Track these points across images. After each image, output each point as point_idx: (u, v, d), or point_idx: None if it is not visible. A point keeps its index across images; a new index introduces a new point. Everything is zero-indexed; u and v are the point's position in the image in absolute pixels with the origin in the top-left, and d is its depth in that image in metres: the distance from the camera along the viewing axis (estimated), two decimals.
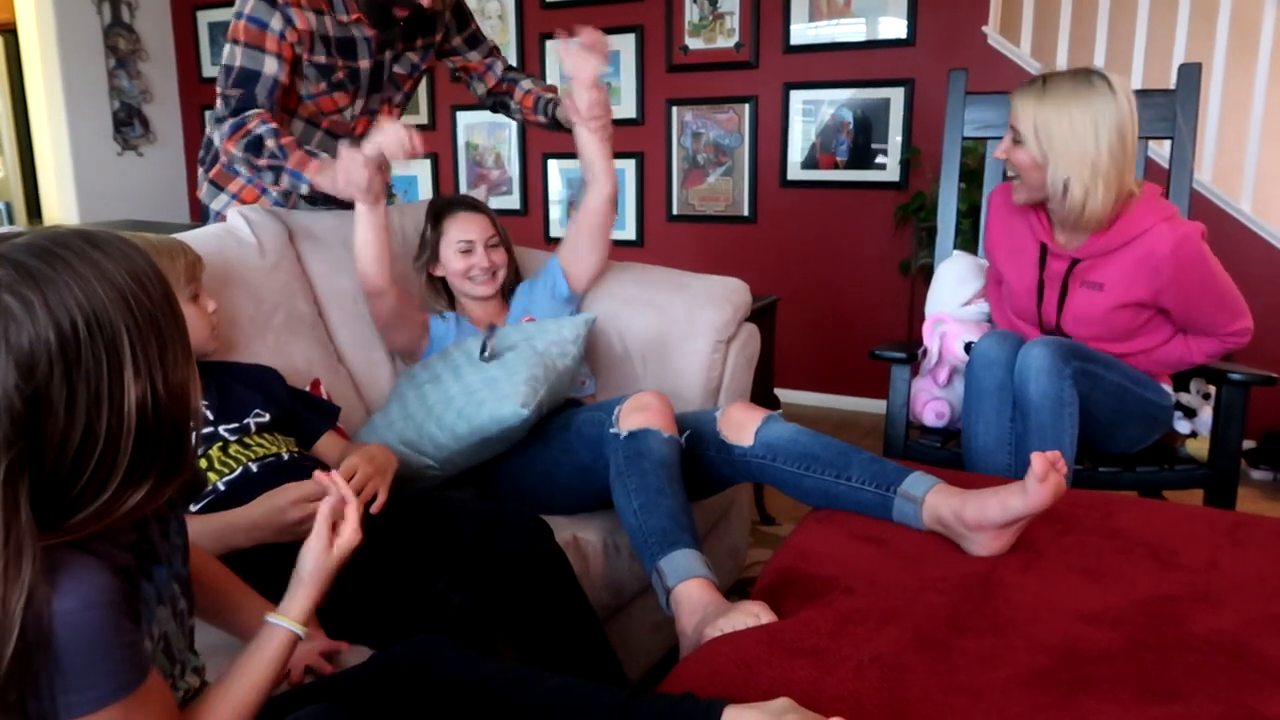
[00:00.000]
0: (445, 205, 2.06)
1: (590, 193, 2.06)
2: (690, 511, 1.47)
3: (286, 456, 1.50)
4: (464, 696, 0.97)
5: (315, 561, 0.96)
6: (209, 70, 5.26)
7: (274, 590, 1.27)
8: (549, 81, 3.20)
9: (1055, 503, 1.30)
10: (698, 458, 1.65)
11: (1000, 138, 2.23)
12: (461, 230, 2.01)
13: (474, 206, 2.06)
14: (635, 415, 1.56)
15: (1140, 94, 2.11)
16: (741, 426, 1.62)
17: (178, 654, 0.92)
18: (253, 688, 0.92)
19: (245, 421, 1.50)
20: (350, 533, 0.98)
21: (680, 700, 0.94)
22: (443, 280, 2.07)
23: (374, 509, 1.40)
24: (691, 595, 1.32)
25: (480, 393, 1.66)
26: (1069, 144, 1.75)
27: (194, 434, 0.84)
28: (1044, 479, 1.28)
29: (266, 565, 1.29)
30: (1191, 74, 2.09)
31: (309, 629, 1.14)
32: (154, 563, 0.89)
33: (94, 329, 0.73)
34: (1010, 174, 1.92)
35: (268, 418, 1.53)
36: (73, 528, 0.76)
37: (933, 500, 1.40)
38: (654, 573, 1.39)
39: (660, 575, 1.38)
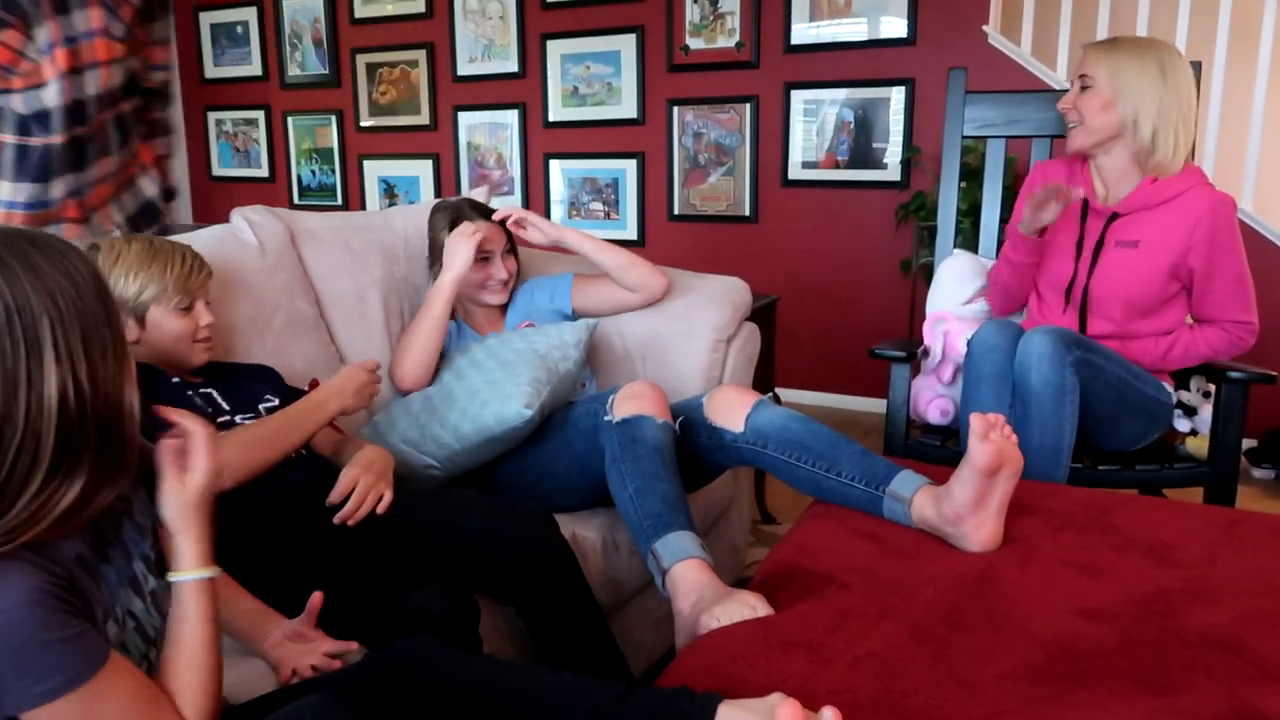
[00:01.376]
0: (460, 213, 2.04)
1: (636, 296, 2.06)
2: (684, 495, 1.49)
3: (293, 453, 1.51)
4: (459, 698, 0.98)
5: (174, 503, 0.94)
6: (211, 71, 5.27)
7: (271, 594, 1.28)
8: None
9: (1001, 461, 1.30)
10: (689, 444, 1.66)
11: (1001, 136, 2.26)
12: (481, 241, 2.00)
13: (488, 215, 2.05)
14: (629, 403, 1.58)
15: None
16: (731, 409, 1.62)
17: (152, 632, 0.93)
18: (197, 647, 0.92)
19: (259, 409, 1.53)
20: (201, 466, 0.95)
21: (674, 696, 0.94)
22: None
23: (380, 509, 1.42)
24: (688, 576, 1.34)
25: (483, 393, 1.67)
26: (1141, 83, 1.87)
27: (133, 434, 0.85)
28: (984, 437, 1.30)
29: (265, 569, 1.31)
30: (1194, 71, 2.09)
31: (307, 626, 1.15)
32: (111, 546, 0.90)
33: (13, 315, 0.76)
34: (1070, 124, 1.95)
35: (277, 403, 1.56)
36: (5, 536, 0.76)
37: (919, 501, 1.41)
38: (649, 555, 1.42)
39: (656, 557, 1.40)
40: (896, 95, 3.81)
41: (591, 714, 0.94)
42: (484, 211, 2.06)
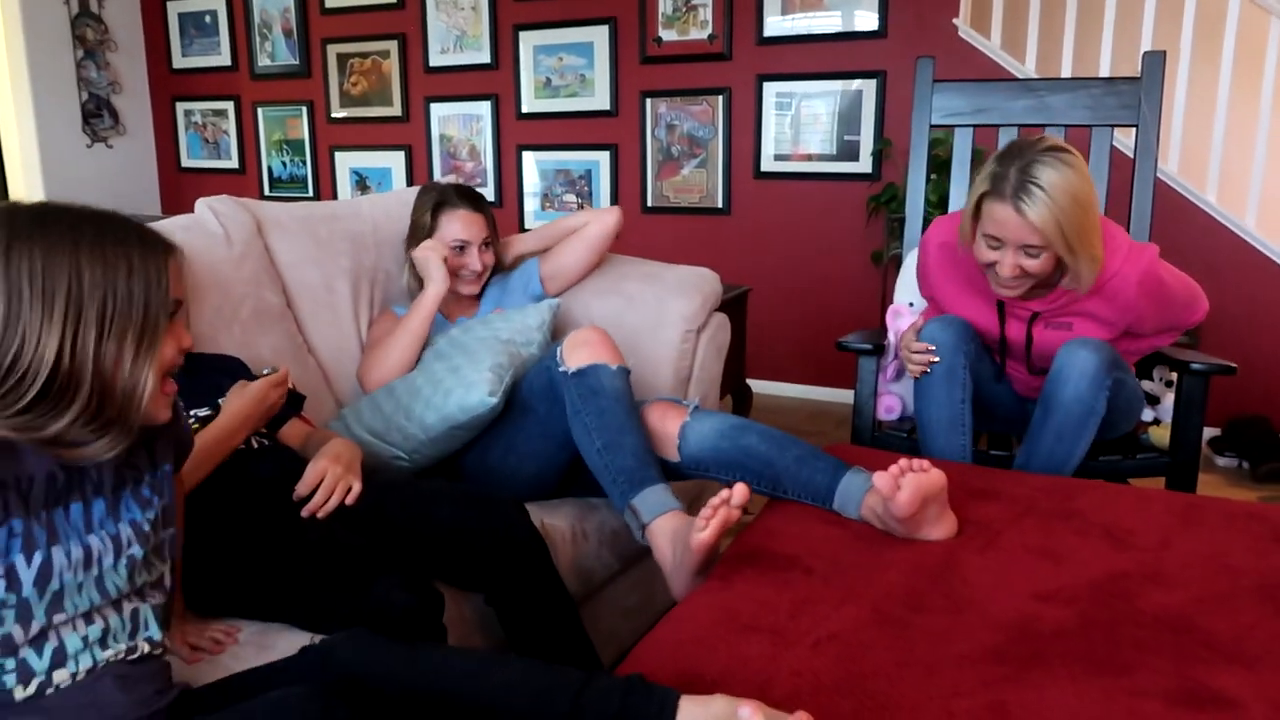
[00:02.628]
0: (445, 197, 2.02)
1: (589, 227, 2.08)
2: (649, 445, 1.55)
3: (255, 444, 1.50)
4: (408, 695, 0.98)
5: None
6: (179, 61, 5.21)
7: (233, 587, 1.28)
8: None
9: (922, 501, 1.30)
10: None
11: (968, 125, 2.28)
12: (459, 230, 1.99)
13: (475, 203, 2.04)
14: (580, 351, 1.59)
15: (1106, 81, 2.14)
16: (662, 440, 1.62)
17: (114, 591, 0.97)
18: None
19: (218, 403, 1.51)
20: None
21: (631, 693, 0.94)
22: None
23: (349, 500, 1.41)
24: (666, 528, 1.44)
25: (446, 382, 1.66)
26: (1085, 226, 1.66)
27: (134, 410, 0.92)
28: (892, 494, 1.30)
29: (228, 562, 1.30)
30: (1156, 62, 2.12)
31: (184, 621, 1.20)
32: (96, 493, 0.96)
33: (38, 272, 0.87)
34: (1007, 288, 1.75)
35: None
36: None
37: (867, 513, 1.42)
38: (626, 510, 1.48)
39: (635, 513, 1.47)
40: (868, 88, 3.83)
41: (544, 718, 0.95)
42: (469, 196, 2.04)
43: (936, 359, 1.80)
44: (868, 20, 3.78)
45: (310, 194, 5.01)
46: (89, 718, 0.93)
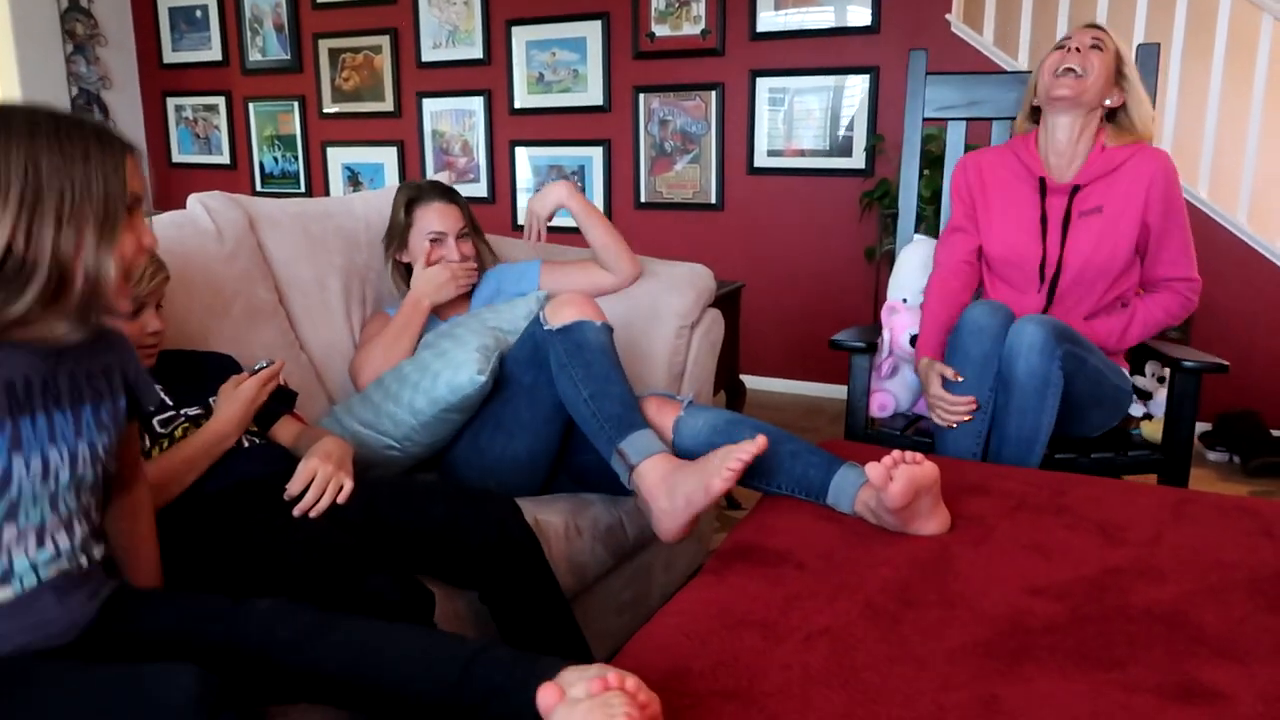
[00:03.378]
0: (418, 193, 2.04)
1: (609, 281, 2.09)
2: (635, 395, 1.58)
3: (246, 443, 1.49)
4: (310, 666, 1.01)
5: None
6: (170, 55, 5.19)
7: (224, 586, 1.28)
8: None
9: (915, 493, 1.31)
10: None
11: (961, 118, 2.28)
12: (433, 221, 1.99)
13: (447, 195, 2.04)
14: (564, 310, 1.62)
15: None
16: (656, 433, 1.61)
17: (64, 511, 1.02)
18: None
19: (209, 402, 1.50)
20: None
21: (516, 663, 0.98)
22: (408, 266, 2.06)
23: (341, 499, 1.41)
24: (655, 468, 1.46)
25: (434, 365, 1.67)
26: (1135, 72, 1.95)
27: (95, 296, 0.95)
28: (884, 485, 1.31)
29: (218, 562, 1.30)
30: (1150, 54, 2.12)
31: None
32: (59, 408, 1.01)
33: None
34: (1069, 72, 1.92)
35: None
36: None
37: (860, 508, 1.43)
38: (615, 455, 1.50)
39: (623, 456, 1.49)
40: (861, 83, 3.83)
41: (433, 689, 0.98)
42: (444, 192, 2.05)
43: (973, 410, 1.82)
44: (860, 15, 3.78)
45: (302, 190, 5.00)
46: (25, 630, 0.97)
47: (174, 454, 1.40)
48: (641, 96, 4.19)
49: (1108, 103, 1.95)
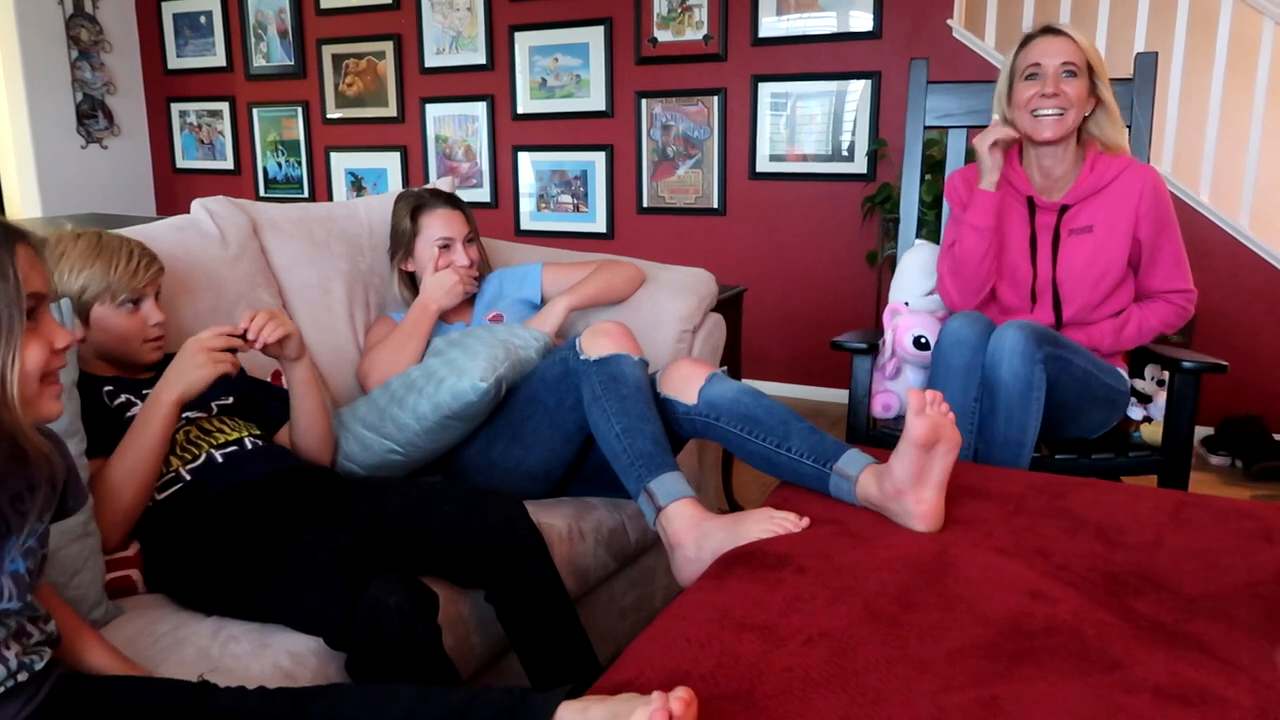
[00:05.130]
0: (422, 201, 2.05)
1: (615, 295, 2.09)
2: (666, 435, 1.55)
3: (250, 444, 1.50)
4: None
5: None
6: (174, 62, 5.21)
7: (227, 589, 1.28)
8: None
9: (937, 436, 1.34)
10: None
11: (962, 126, 2.29)
12: (440, 228, 2.00)
13: (451, 202, 2.06)
14: (601, 340, 1.61)
15: None
16: (686, 381, 1.64)
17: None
18: None
19: (209, 404, 1.51)
20: None
21: (512, 711, 0.93)
22: (412, 274, 2.07)
23: (271, 336, 1.44)
24: (683, 513, 1.45)
25: (439, 372, 1.68)
26: (1103, 66, 1.92)
27: (9, 407, 0.86)
28: (920, 412, 1.34)
29: (221, 564, 1.31)
30: (1148, 63, 2.13)
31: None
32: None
33: None
34: (1050, 112, 1.90)
35: (230, 401, 1.54)
36: None
37: (865, 479, 1.44)
38: (642, 493, 1.49)
39: (651, 496, 1.48)
40: (863, 88, 3.84)
41: None
42: (448, 199, 2.06)
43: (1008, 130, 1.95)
44: (862, 21, 3.79)
45: (305, 195, 5.02)
46: None
47: (124, 454, 1.34)
48: (644, 101, 4.21)
49: (1086, 114, 1.95)
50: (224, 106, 5.15)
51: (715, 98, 4.08)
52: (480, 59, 4.47)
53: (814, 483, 1.51)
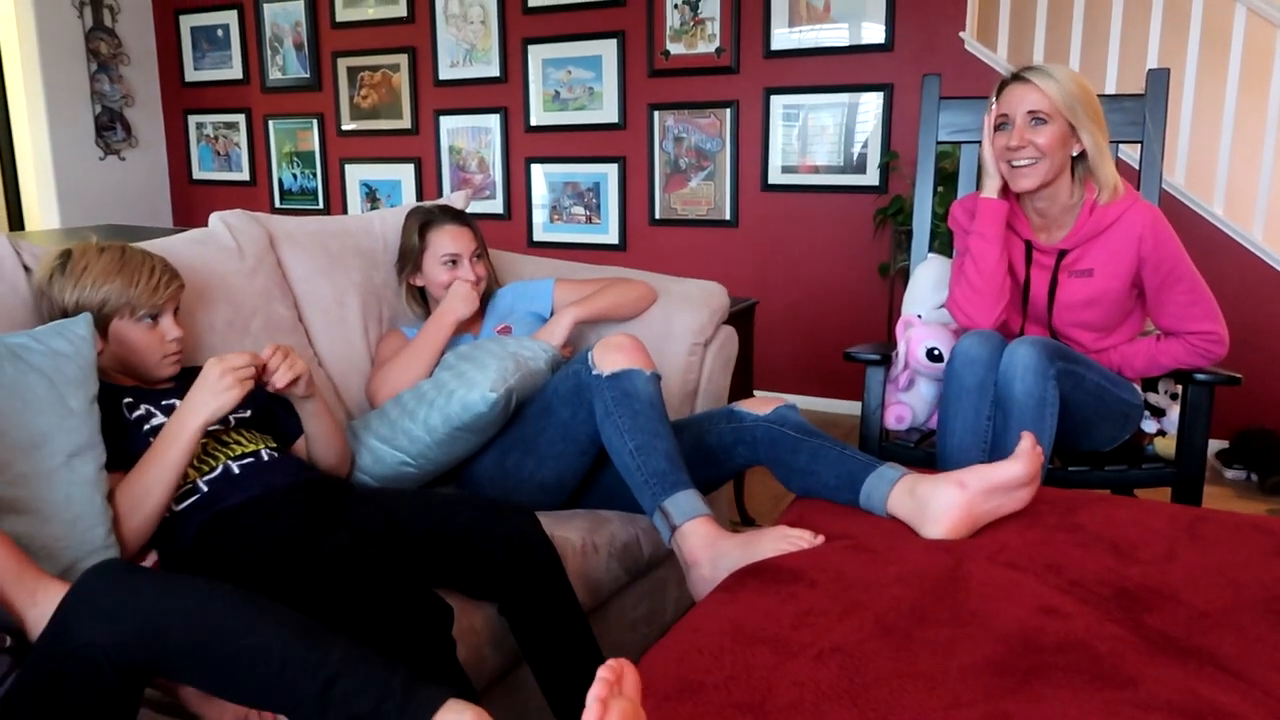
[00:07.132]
0: (430, 217, 2.06)
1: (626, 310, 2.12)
2: (680, 451, 1.57)
3: (266, 456, 1.51)
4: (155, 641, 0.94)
5: None
6: (191, 74, 5.27)
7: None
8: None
9: (1032, 476, 1.44)
10: (705, 433, 1.72)
11: (974, 141, 2.29)
12: (448, 244, 2.02)
13: (460, 218, 2.07)
14: (614, 355, 1.61)
15: (1110, 99, 2.15)
16: (760, 404, 1.71)
17: None
18: None
19: (227, 417, 1.52)
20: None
21: (384, 699, 0.91)
22: (421, 289, 2.09)
23: (279, 381, 1.47)
24: (698, 531, 1.46)
25: (450, 384, 1.69)
26: (1086, 111, 1.83)
27: None
28: (1026, 452, 1.43)
29: (240, 576, 1.32)
30: (1160, 79, 2.14)
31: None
32: None
33: None
34: (1021, 162, 1.85)
35: (248, 414, 1.56)
36: None
37: (901, 489, 1.48)
38: (657, 511, 1.50)
39: (666, 515, 1.49)
40: (875, 100, 3.85)
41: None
42: (455, 215, 2.08)
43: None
44: (875, 33, 3.80)
45: (320, 206, 5.06)
46: None
47: (143, 471, 1.36)
48: (656, 114, 4.22)
49: (1073, 154, 1.87)
50: (240, 118, 5.19)
51: (727, 110, 4.09)
52: (494, 71, 4.50)
53: (859, 471, 1.54)
